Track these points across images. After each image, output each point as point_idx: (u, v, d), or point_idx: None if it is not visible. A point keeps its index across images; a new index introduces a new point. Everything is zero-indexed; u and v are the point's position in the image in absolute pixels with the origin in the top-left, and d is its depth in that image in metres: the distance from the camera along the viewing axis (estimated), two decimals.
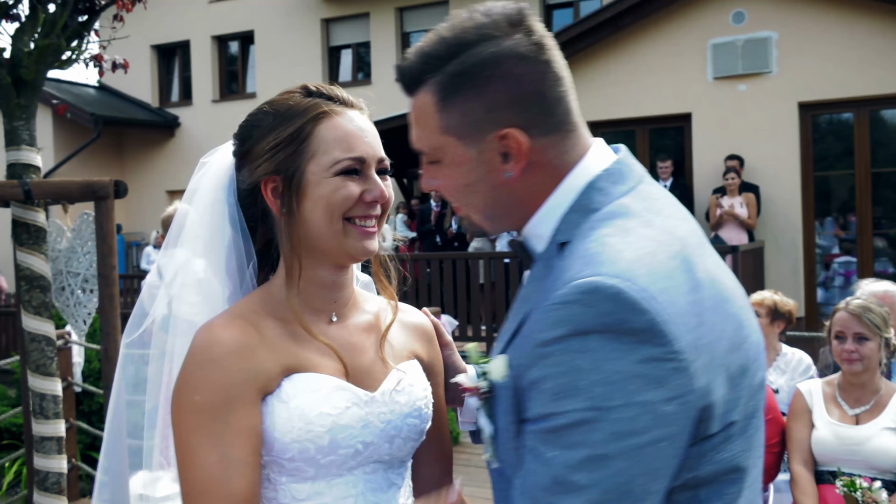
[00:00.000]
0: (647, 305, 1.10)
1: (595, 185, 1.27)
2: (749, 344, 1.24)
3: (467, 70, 1.25)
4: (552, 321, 1.14)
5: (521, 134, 1.26)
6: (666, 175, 11.17)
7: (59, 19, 3.62)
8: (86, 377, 7.07)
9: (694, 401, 1.12)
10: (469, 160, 1.29)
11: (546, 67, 1.27)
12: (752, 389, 1.24)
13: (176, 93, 19.63)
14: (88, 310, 4.00)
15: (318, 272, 1.53)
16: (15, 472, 6.95)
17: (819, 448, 3.66)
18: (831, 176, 11.45)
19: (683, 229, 1.27)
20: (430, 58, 1.28)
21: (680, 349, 1.11)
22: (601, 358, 1.10)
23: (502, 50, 1.25)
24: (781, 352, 4.96)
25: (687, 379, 1.11)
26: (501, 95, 1.25)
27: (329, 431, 1.44)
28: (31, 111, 3.76)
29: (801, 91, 10.86)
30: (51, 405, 3.79)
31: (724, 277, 1.27)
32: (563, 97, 1.29)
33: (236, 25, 18.41)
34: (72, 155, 17.08)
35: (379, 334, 1.62)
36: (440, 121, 1.29)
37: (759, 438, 1.27)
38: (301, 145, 1.48)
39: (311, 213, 1.48)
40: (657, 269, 1.14)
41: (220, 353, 1.41)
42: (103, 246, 3.67)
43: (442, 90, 1.27)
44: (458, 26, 1.28)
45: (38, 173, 3.79)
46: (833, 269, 11.41)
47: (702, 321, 1.15)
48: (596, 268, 1.14)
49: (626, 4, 11.31)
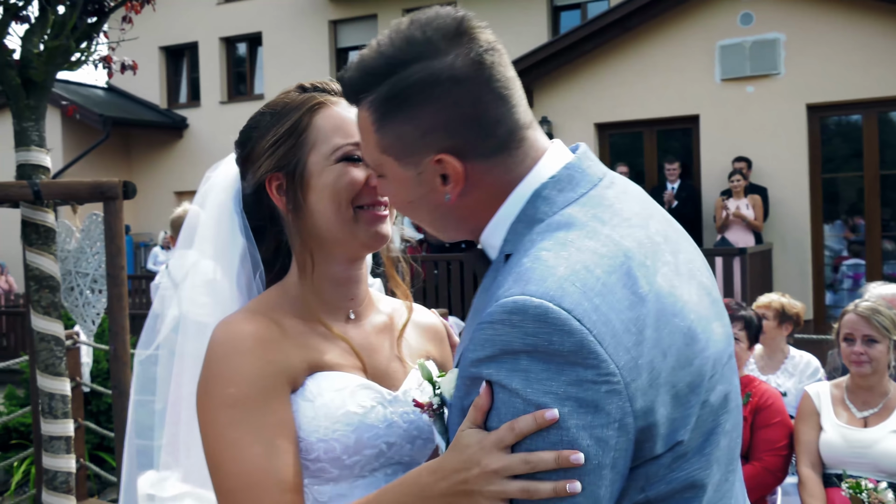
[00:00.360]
0: (574, 326, 1.05)
1: (541, 193, 1.22)
2: (703, 359, 1.17)
3: (399, 93, 1.20)
4: (481, 340, 1.11)
5: (456, 159, 1.21)
6: (673, 177, 11.14)
7: (69, 21, 3.63)
8: (94, 377, 7.10)
9: (631, 423, 1.08)
10: (408, 180, 1.25)
11: (483, 88, 1.19)
12: (710, 407, 1.18)
13: (184, 94, 19.68)
14: (97, 310, 4.01)
15: (332, 267, 1.51)
16: (23, 472, 6.98)
17: (827, 451, 3.65)
18: (839, 178, 11.41)
19: (636, 237, 1.18)
20: (365, 75, 1.23)
21: (613, 370, 1.06)
22: (533, 377, 1.06)
23: (434, 72, 1.18)
24: (789, 354, 4.95)
25: (623, 401, 1.06)
26: (434, 120, 1.20)
27: (355, 430, 1.41)
28: (41, 112, 3.78)
29: (809, 92, 10.83)
30: (59, 405, 3.80)
31: (679, 288, 1.18)
32: (505, 116, 1.21)
33: (244, 27, 18.45)
34: (80, 156, 17.14)
35: (394, 334, 1.61)
36: (377, 140, 1.25)
37: (721, 454, 1.22)
38: (300, 137, 1.48)
39: (317, 204, 1.46)
40: (591, 286, 1.09)
41: (249, 345, 1.38)
42: (112, 246, 3.68)
43: (376, 111, 1.23)
44: (395, 40, 1.21)
45: (47, 174, 3.81)
46: (841, 272, 11.37)
47: (641, 339, 1.09)
48: (523, 286, 1.09)
49: (634, 6, 11.30)
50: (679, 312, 1.15)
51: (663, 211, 1.34)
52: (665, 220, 1.30)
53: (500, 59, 1.23)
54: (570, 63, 11.93)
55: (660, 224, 1.27)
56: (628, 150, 12.49)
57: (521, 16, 14.88)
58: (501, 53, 1.23)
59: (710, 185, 11.34)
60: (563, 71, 12.01)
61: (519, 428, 1.07)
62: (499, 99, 1.21)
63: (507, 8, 14.98)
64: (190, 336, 1.60)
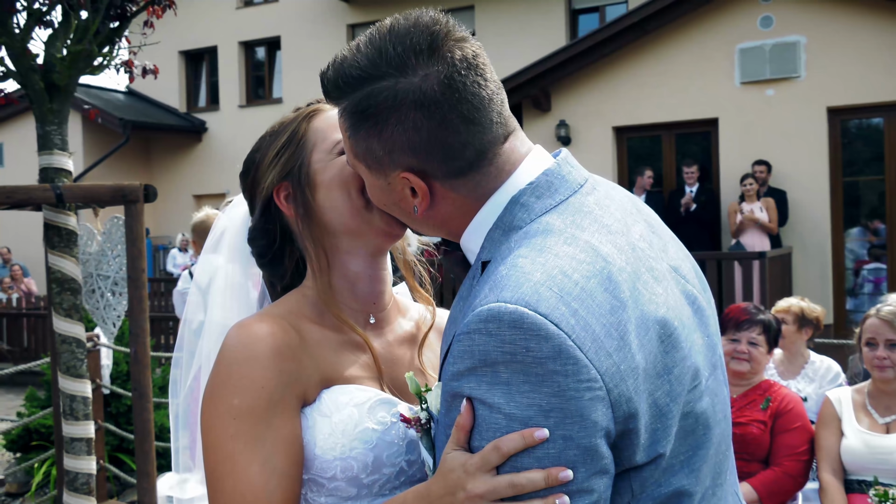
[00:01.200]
0: (551, 330, 1.02)
1: (518, 200, 1.20)
2: (683, 368, 1.14)
3: (366, 109, 1.19)
4: (458, 352, 1.08)
5: (420, 179, 1.20)
6: (692, 180, 11.09)
7: (92, 25, 3.67)
8: (113, 379, 7.14)
9: (614, 431, 1.06)
10: (380, 187, 1.26)
11: (449, 112, 1.16)
12: (693, 418, 1.16)
13: (203, 98, 19.80)
14: (118, 312, 4.04)
15: (351, 266, 1.47)
16: (44, 473, 7.03)
17: (848, 457, 3.62)
18: (861, 181, 11.32)
19: (617, 243, 1.16)
20: (340, 80, 1.22)
21: (595, 376, 1.03)
22: (514, 389, 1.03)
23: (399, 93, 1.16)
24: (809, 359, 4.91)
25: (607, 408, 1.04)
26: (397, 141, 1.18)
27: (374, 448, 1.35)
28: (64, 116, 3.82)
29: (829, 95, 10.76)
30: (80, 406, 3.83)
31: (661, 296, 1.16)
32: (473, 139, 1.18)
33: (263, 31, 18.55)
34: (101, 159, 17.29)
35: (416, 342, 1.56)
36: (351, 146, 1.26)
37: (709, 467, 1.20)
38: (300, 142, 1.48)
39: (327, 199, 1.45)
40: (569, 290, 1.06)
41: (260, 350, 1.32)
42: (133, 249, 3.71)
43: (348, 119, 1.23)
44: (370, 51, 1.19)
45: (69, 177, 3.84)
46: (862, 276, 11.27)
47: (624, 343, 1.06)
48: (498, 293, 1.06)
49: (653, 9, 11.26)
50: (660, 319, 1.13)
51: (651, 216, 1.32)
52: (649, 225, 1.28)
53: (475, 77, 1.18)
54: (589, 66, 11.90)
55: (642, 230, 1.24)
56: (647, 153, 12.44)
57: (539, 19, 14.88)
58: (478, 69, 1.19)
59: (729, 189, 11.27)
60: (581, 74, 11.98)
61: (505, 448, 1.04)
62: (467, 122, 1.17)
63: (525, 11, 14.99)
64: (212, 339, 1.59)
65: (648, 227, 1.28)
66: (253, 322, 1.38)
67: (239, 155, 6.59)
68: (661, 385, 1.11)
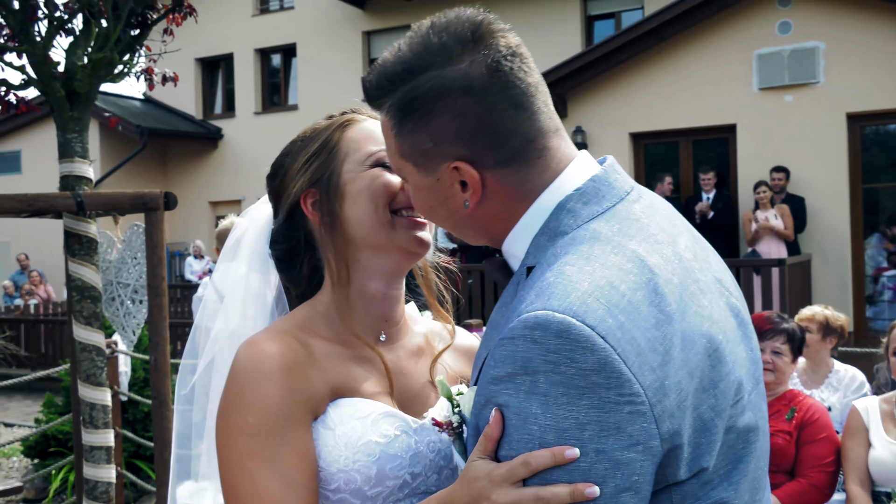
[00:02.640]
0: (598, 342, 1.01)
1: (565, 205, 1.18)
2: (728, 382, 1.12)
3: (412, 101, 1.18)
4: (500, 357, 1.07)
5: (471, 167, 1.18)
6: (709, 187, 11.04)
7: (113, 33, 3.67)
8: (130, 386, 7.15)
9: (657, 446, 1.04)
10: (427, 186, 1.24)
11: (498, 97, 1.16)
12: (736, 433, 1.14)
13: (219, 105, 19.90)
14: (138, 320, 4.04)
15: (368, 283, 1.46)
16: (61, 479, 7.04)
17: (877, 468, 3.57)
18: (880, 188, 11.22)
19: (663, 254, 1.14)
20: (384, 80, 1.21)
21: (638, 391, 1.02)
22: (552, 401, 1.02)
23: (447, 80, 1.16)
24: (833, 368, 4.85)
25: (648, 423, 1.02)
26: (447, 129, 1.17)
27: (377, 461, 1.35)
28: (84, 124, 3.82)
29: (848, 102, 10.68)
30: (100, 415, 3.83)
31: (707, 308, 1.14)
32: (522, 125, 1.18)
33: (279, 38, 18.62)
34: (118, 166, 17.39)
35: (428, 357, 1.55)
36: (396, 145, 1.24)
37: (749, 480, 1.18)
38: (332, 151, 1.47)
39: (353, 210, 1.43)
40: (615, 302, 1.05)
41: (271, 369, 1.33)
42: (153, 257, 3.70)
43: (393, 117, 1.22)
44: (413, 45, 1.20)
45: (89, 185, 3.85)
46: (881, 283, 11.17)
47: (668, 358, 1.05)
48: (545, 301, 1.05)
49: (670, 15, 11.23)
50: (706, 333, 1.11)
51: (691, 227, 1.30)
52: (693, 236, 1.26)
53: (521, 64, 1.19)
54: (606, 72, 11.87)
55: (688, 241, 1.23)
56: (663, 159, 12.39)
57: (554, 25, 14.86)
58: (523, 58, 1.20)
59: (746, 196, 11.20)
60: (598, 80, 11.95)
61: (535, 464, 1.03)
62: (515, 107, 1.17)
63: (541, 17, 14.97)
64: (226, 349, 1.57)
65: (692, 237, 1.26)
66: (262, 340, 1.38)
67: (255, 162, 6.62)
68: (707, 399, 1.10)
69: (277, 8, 19.03)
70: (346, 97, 1.64)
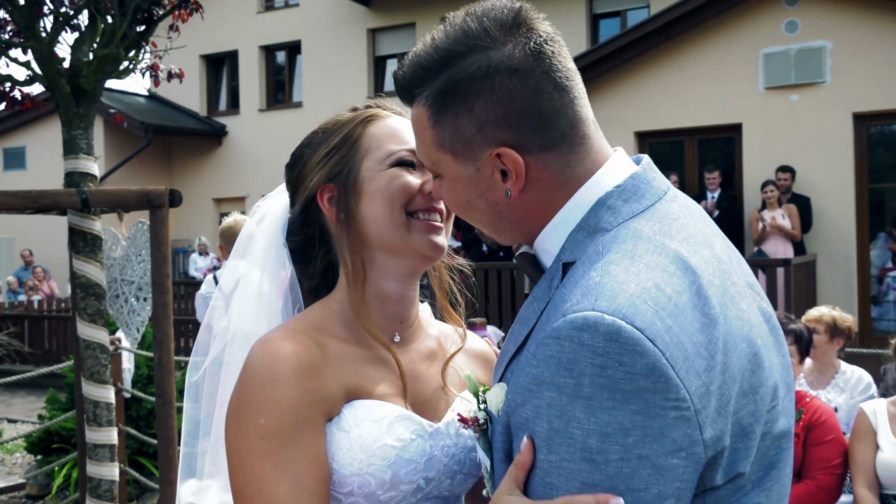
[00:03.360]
0: (647, 346, 0.99)
1: (605, 202, 1.17)
2: (766, 388, 1.11)
3: (454, 86, 1.16)
4: (543, 356, 1.04)
5: (516, 153, 1.16)
6: (714, 186, 11.01)
7: (118, 30, 3.65)
8: (134, 383, 7.15)
9: (701, 452, 1.02)
10: (466, 177, 1.21)
11: (542, 79, 1.15)
12: (770, 439, 1.13)
13: (224, 102, 19.90)
14: (142, 318, 4.02)
15: (383, 284, 1.44)
16: (64, 476, 7.04)
17: (885, 471, 3.54)
18: (886, 188, 11.18)
19: (703, 255, 1.13)
20: (420, 69, 1.19)
21: (684, 396, 1.00)
22: (596, 405, 1.00)
23: (491, 63, 1.14)
24: (840, 369, 4.83)
25: (693, 429, 1.01)
26: (491, 113, 1.15)
27: (392, 465, 1.33)
28: (90, 120, 3.80)
29: (855, 101, 10.63)
30: (104, 413, 3.81)
31: (746, 312, 1.13)
32: (566, 108, 1.17)
33: (284, 35, 18.61)
34: (122, 163, 17.42)
35: (440, 361, 1.53)
36: (434, 136, 1.21)
37: (780, 489, 1.17)
38: (353, 146, 1.44)
39: (369, 209, 1.41)
40: (663, 305, 1.03)
41: (285, 370, 1.29)
42: (158, 254, 3.68)
43: (432, 106, 1.19)
44: (451, 33, 1.18)
45: (94, 182, 3.83)
46: (886, 284, 11.13)
47: (712, 364, 1.04)
48: (593, 301, 1.03)
49: (676, 14, 11.18)
50: (746, 337, 1.10)
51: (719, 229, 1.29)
52: (724, 238, 1.25)
53: (560, 49, 1.19)
54: (611, 71, 11.83)
55: (722, 243, 1.22)
56: (669, 158, 12.35)
57: (559, 23, 14.56)
58: (561, 45, 1.20)
59: (752, 195, 11.16)
60: (603, 79, 11.92)
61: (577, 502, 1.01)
62: (560, 90, 1.16)
63: (546, 14, 14.92)
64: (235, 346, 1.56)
65: (724, 240, 1.25)
66: (276, 339, 1.34)
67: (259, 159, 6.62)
68: (747, 405, 1.09)
69: (282, 5, 19.02)
70: (350, 94, 1.62)
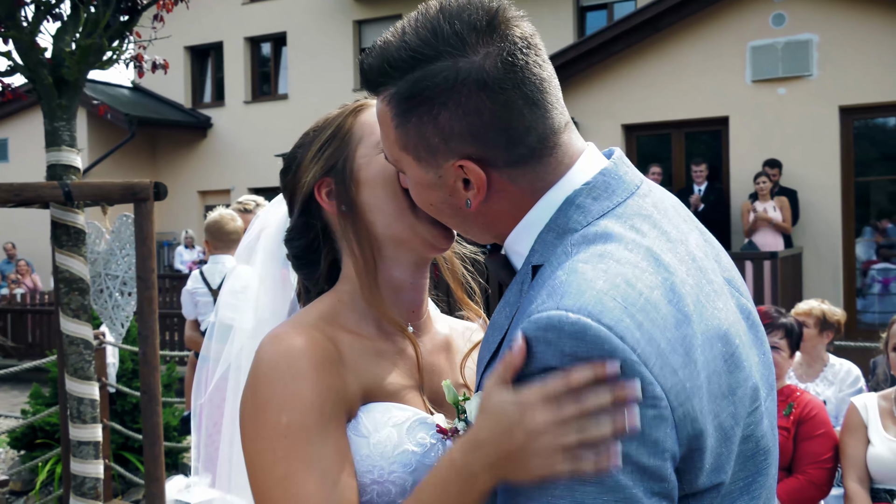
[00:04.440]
0: (616, 344, 0.95)
1: (574, 201, 1.12)
2: (745, 389, 1.07)
3: (420, 93, 1.09)
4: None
5: (479, 167, 1.11)
6: (700, 179, 11.01)
7: (102, 19, 3.57)
8: (119, 377, 7.07)
9: (677, 452, 0.99)
10: (428, 182, 1.16)
11: (513, 93, 1.08)
12: (754, 442, 1.10)
13: (208, 94, 19.76)
14: (126, 313, 3.96)
15: (393, 272, 1.38)
16: (48, 472, 6.96)
17: (876, 466, 3.53)
18: (872, 182, 11.22)
19: (678, 252, 1.09)
20: (386, 65, 1.12)
21: (659, 394, 0.96)
22: None
23: (459, 74, 1.07)
24: (829, 363, 4.82)
25: (669, 427, 0.97)
26: (457, 126, 1.09)
27: (413, 472, 1.26)
28: (72, 112, 3.72)
29: (841, 95, 10.66)
30: (88, 409, 3.75)
31: (722, 311, 1.09)
32: (536, 124, 1.10)
33: (269, 27, 18.49)
34: (106, 155, 17.26)
35: (452, 354, 1.47)
36: (397, 137, 1.16)
37: (767, 494, 1.14)
38: (346, 136, 1.40)
39: (371, 197, 1.36)
40: (633, 301, 0.99)
41: (302, 365, 1.22)
42: (143, 248, 3.62)
43: (396, 107, 1.13)
44: (421, 31, 1.10)
45: (77, 174, 3.75)
46: (871, 276, 11.18)
47: (689, 360, 1.00)
48: (559, 300, 0.99)
49: (664, 7, 11.17)
50: (723, 336, 1.06)
51: (699, 223, 1.25)
52: (702, 233, 1.21)
53: (535, 57, 1.11)
54: (598, 64, 11.81)
55: (698, 239, 1.17)
56: (656, 151, 12.35)
57: (547, 16, 14.79)
58: (537, 50, 1.12)
59: (739, 188, 11.18)
60: (590, 72, 11.90)
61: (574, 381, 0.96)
62: (530, 104, 1.10)
63: (533, 8, 14.87)
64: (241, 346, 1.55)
65: (701, 234, 1.20)
66: (287, 333, 1.28)
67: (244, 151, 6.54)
68: (726, 406, 1.04)
69: None
70: (336, 87, 1.58)
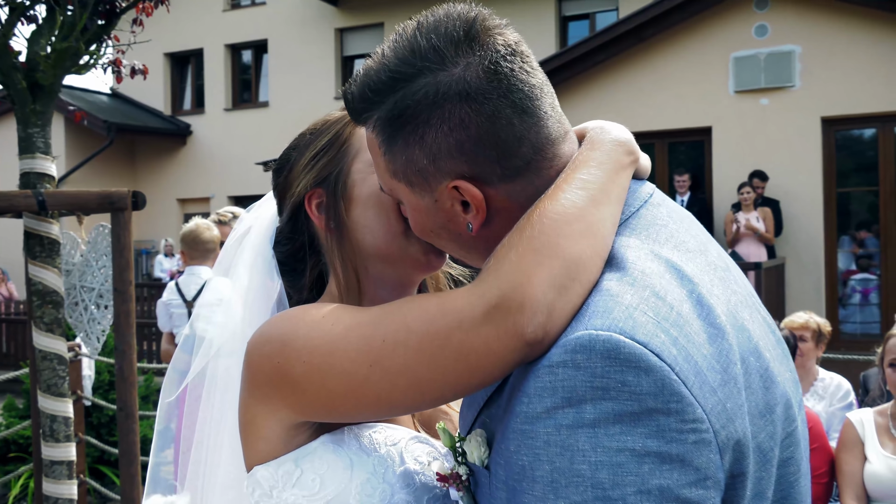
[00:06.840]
0: (652, 361, 0.88)
1: None
2: (781, 407, 1.00)
3: (402, 113, 1.04)
4: (535, 390, 0.92)
5: (474, 185, 1.04)
6: (683, 189, 11.01)
7: (79, 22, 3.45)
8: (94, 389, 6.92)
9: (722, 479, 0.90)
10: (425, 208, 1.10)
11: (500, 102, 1.02)
12: (793, 464, 1.03)
13: (188, 101, 19.61)
14: (102, 326, 3.82)
15: (378, 293, 1.31)
16: (21, 486, 6.79)
17: (873, 483, 3.47)
18: (854, 192, 11.25)
19: (698, 263, 1.02)
20: (368, 91, 1.06)
21: (700, 416, 0.88)
22: (602, 432, 0.88)
23: (440, 88, 1.01)
24: (819, 376, 4.77)
25: (713, 453, 0.89)
26: (444, 143, 1.03)
27: (415, 492, 1.20)
28: (47, 118, 3.60)
29: (823, 106, 10.69)
30: (61, 427, 3.60)
31: (751, 323, 1.02)
32: (528, 132, 1.03)
33: (250, 34, 18.38)
34: (83, 162, 17.05)
35: None
36: (387, 165, 1.09)
37: None
38: (342, 148, 1.33)
39: (362, 216, 1.29)
40: (665, 315, 0.92)
41: None
42: (120, 260, 3.49)
43: (381, 133, 1.07)
44: (399, 51, 1.05)
45: (52, 183, 3.62)
46: (850, 286, 11.20)
47: (727, 378, 0.92)
48: (586, 320, 0.92)
49: (647, 17, 11.17)
50: (755, 350, 0.99)
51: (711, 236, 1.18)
52: (717, 245, 1.14)
53: (522, 64, 1.04)
54: (581, 74, 11.79)
55: (718, 250, 1.11)
56: None
57: (529, 25, 14.78)
58: (524, 57, 1.05)
59: (722, 199, 11.18)
60: (573, 82, 11.86)
61: None
62: (520, 113, 1.03)
63: (516, 18, 14.84)
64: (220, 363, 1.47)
65: (718, 246, 1.14)
66: None
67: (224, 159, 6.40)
68: (765, 426, 0.97)
69: (249, 3, 18.78)
70: (318, 95, 1.49)
